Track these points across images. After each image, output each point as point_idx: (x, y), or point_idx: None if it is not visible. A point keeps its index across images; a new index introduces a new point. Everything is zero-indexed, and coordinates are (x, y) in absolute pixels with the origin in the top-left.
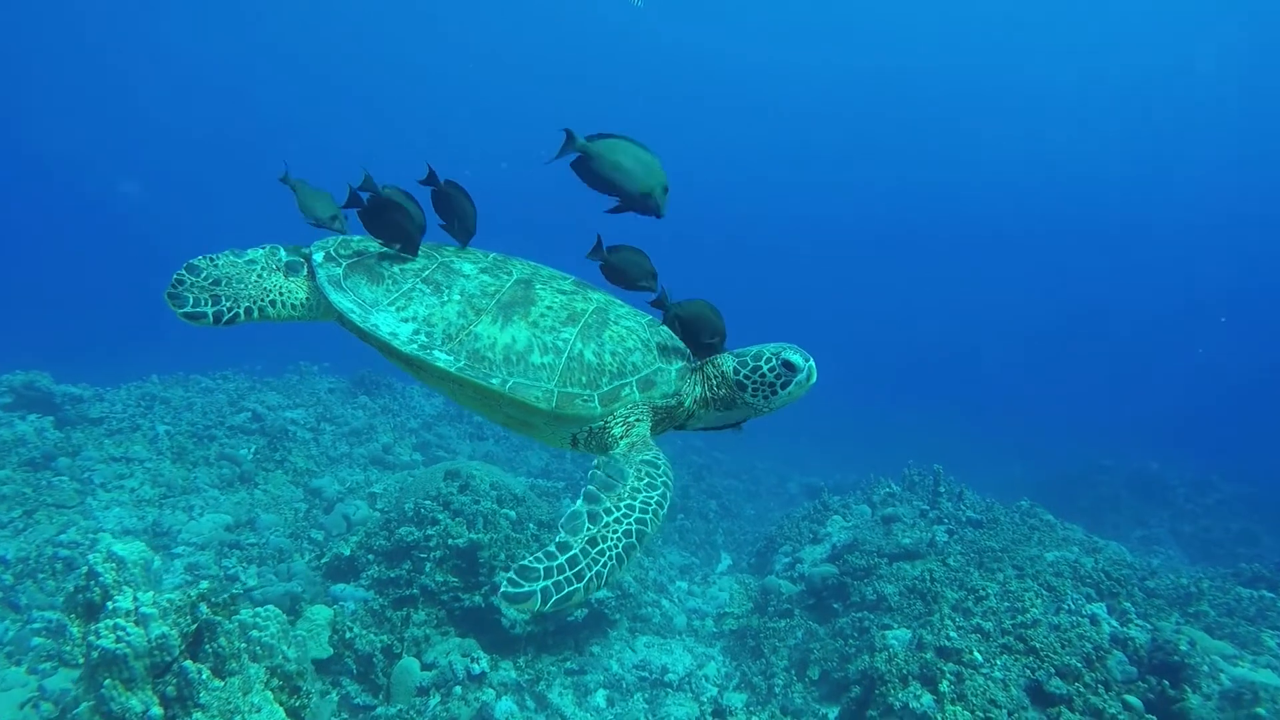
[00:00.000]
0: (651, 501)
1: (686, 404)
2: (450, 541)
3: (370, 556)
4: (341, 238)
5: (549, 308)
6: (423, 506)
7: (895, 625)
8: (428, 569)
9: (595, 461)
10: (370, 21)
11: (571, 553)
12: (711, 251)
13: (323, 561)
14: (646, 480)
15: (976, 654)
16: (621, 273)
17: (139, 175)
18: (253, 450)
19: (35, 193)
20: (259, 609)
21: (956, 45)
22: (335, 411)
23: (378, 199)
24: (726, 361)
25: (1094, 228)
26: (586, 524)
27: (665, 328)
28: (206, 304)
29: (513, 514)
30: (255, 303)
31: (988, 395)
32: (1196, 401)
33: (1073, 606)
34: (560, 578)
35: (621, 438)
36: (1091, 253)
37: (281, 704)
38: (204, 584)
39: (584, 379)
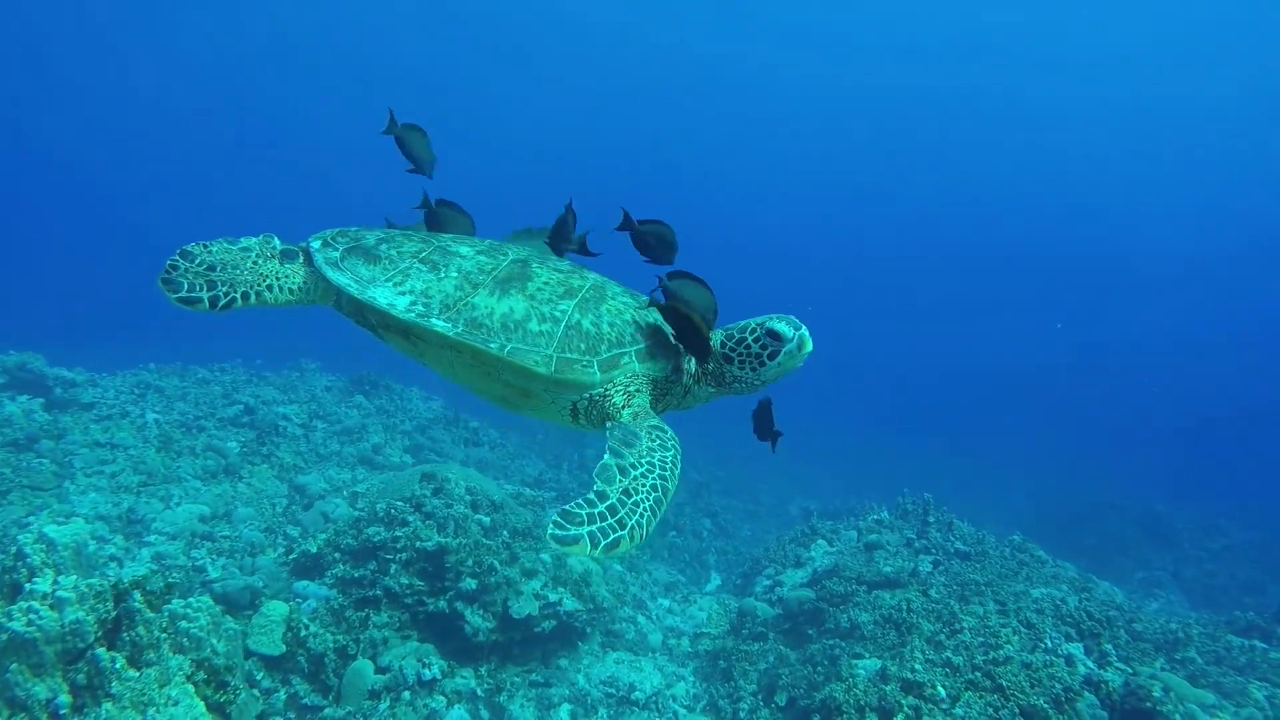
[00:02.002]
0: (667, 461)
1: (685, 380)
2: (418, 544)
3: (337, 554)
4: (339, 228)
5: (546, 283)
6: (394, 507)
7: (867, 655)
8: (393, 570)
9: (609, 425)
10: (381, 20)
11: (610, 501)
12: (716, 267)
13: (290, 557)
14: (659, 442)
15: (940, 689)
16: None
17: (148, 163)
18: (240, 443)
19: (49, 179)
20: (190, 600)
21: (972, 66)
22: (329, 409)
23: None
24: (715, 336)
25: (1107, 255)
26: (619, 477)
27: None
28: (202, 289)
29: (486, 520)
30: (252, 288)
31: (1000, 423)
32: (1211, 441)
33: (1050, 645)
34: (605, 525)
35: (623, 407)
36: (1106, 281)
37: (205, 698)
38: (141, 570)
39: (583, 346)
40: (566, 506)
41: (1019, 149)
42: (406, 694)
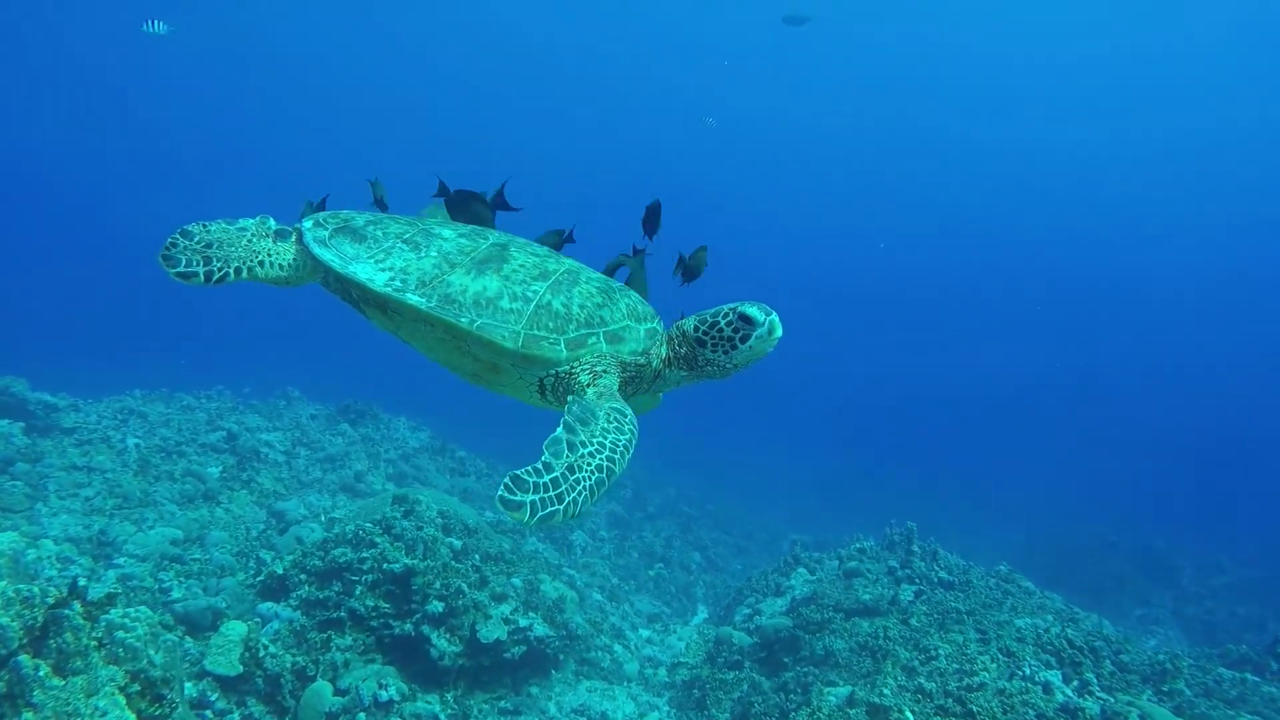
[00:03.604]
0: (619, 444)
1: (654, 364)
2: (385, 566)
3: (303, 576)
4: (331, 211)
5: (521, 265)
6: (362, 529)
7: (840, 682)
8: (358, 592)
9: (570, 399)
10: (368, 36)
11: (554, 474)
12: (710, 291)
13: (258, 579)
14: (615, 424)
15: (908, 713)
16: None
17: (139, 183)
18: (221, 469)
19: (35, 200)
20: (129, 609)
21: (960, 104)
22: (313, 436)
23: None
24: (688, 321)
25: (1107, 284)
26: (566, 451)
27: (635, 293)
28: (198, 264)
29: (458, 544)
30: (244, 263)
31: (999, 457)
32: (1211, 476)
33: (1028, 673)
34: (546, 495)
35: (588, 386)
36: (1106, 310)
37: (138, 711)
38: (81, 581)
39: (551, 324)
40: (518, 472)
41: (1008, 180)
42: (362, 716)
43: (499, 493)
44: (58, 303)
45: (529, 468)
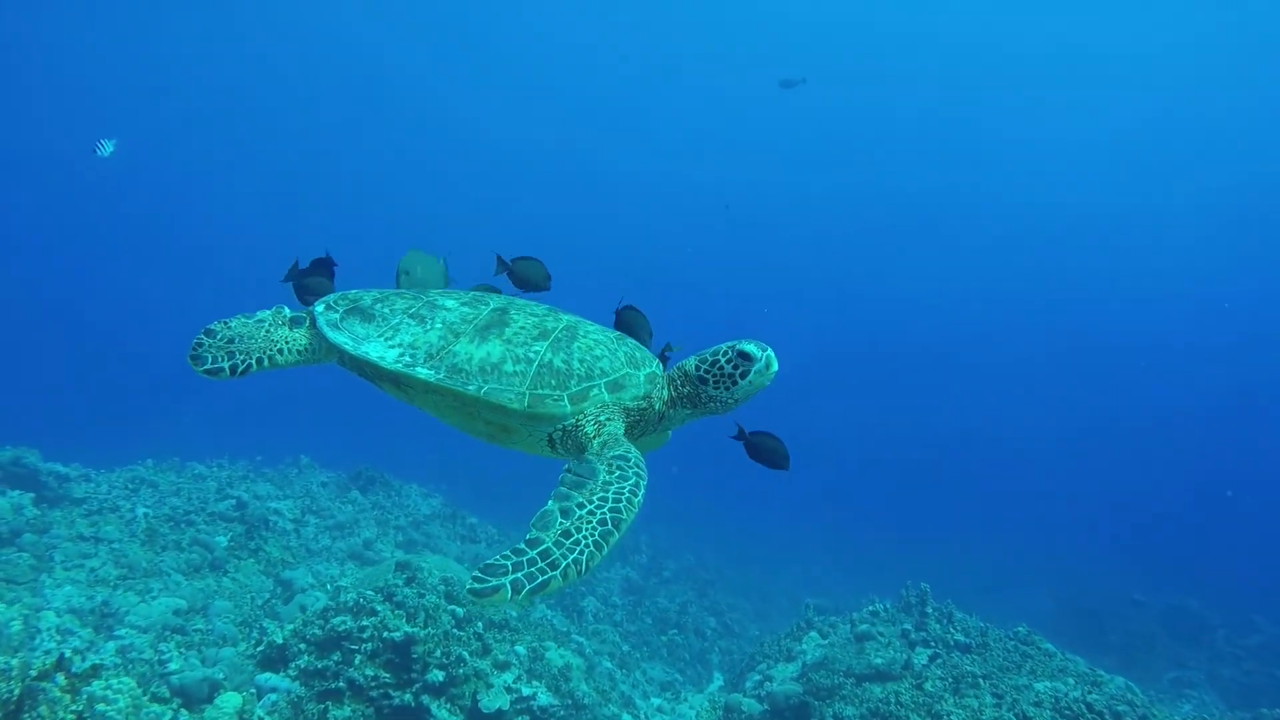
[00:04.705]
0: (624, 491)
1: (657, 406)
2: (385, 634)
3: (302, 645)
4: (340, 293)
5: (522, 327)
6: (363, 596)
7: None
8: (357, 661)
9: (567, 465)
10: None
11: (544, 546)
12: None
13: (258, 649)
14: (618, 473)
15: None
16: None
17: (151, 246)
18: (229, 538)
19: (49, 273)
20: (110, 680)
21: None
22: (323, 504)
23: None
24: (689, 361)
25: (1125, 340)
26: (559, 519)
27: (633, 340)
28: (223, 360)
29: (460, 611)
30: (265, 353)
31: (1019, 517)
32: (1237, 533)
33: None
34: (533, 569)
35: (594, 436)
36: (1121, 366)
37: None
38: (68, 652)
39: (554, 382)
40: (489, 560)
41: (1022, 219)
42: None
43: (468, 586)
44: (72, 371)
45: (505, 552)
